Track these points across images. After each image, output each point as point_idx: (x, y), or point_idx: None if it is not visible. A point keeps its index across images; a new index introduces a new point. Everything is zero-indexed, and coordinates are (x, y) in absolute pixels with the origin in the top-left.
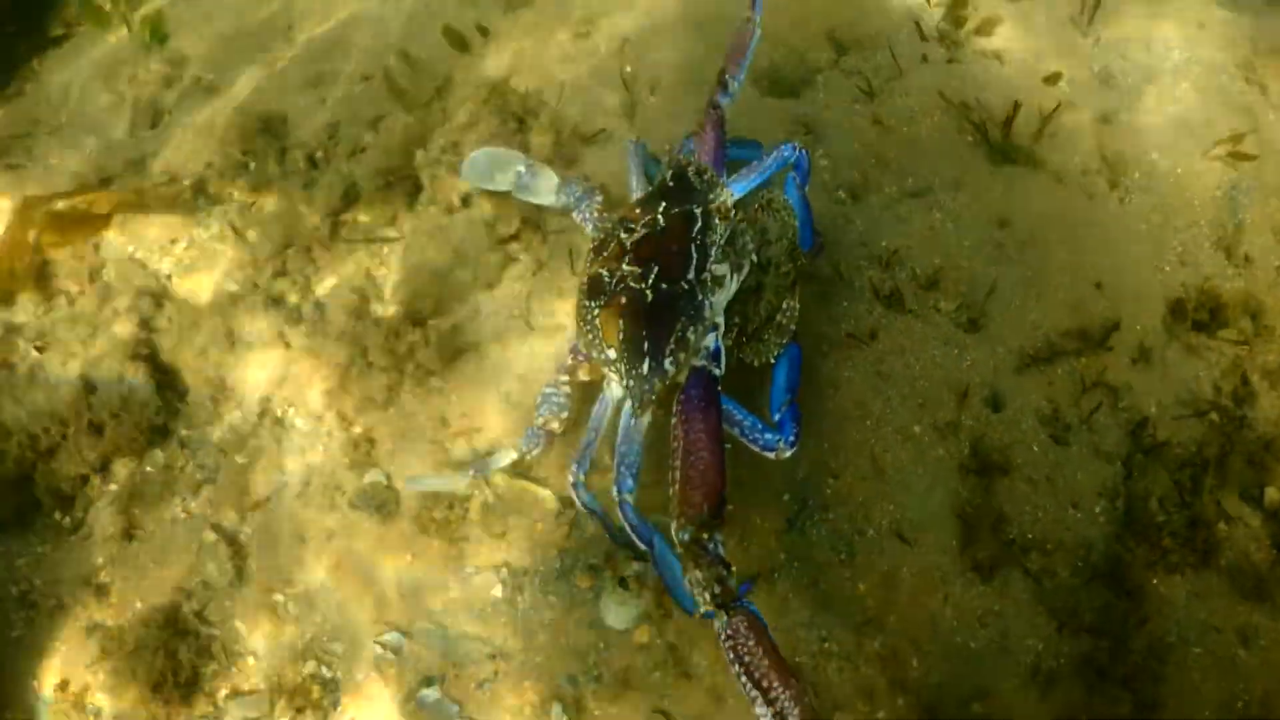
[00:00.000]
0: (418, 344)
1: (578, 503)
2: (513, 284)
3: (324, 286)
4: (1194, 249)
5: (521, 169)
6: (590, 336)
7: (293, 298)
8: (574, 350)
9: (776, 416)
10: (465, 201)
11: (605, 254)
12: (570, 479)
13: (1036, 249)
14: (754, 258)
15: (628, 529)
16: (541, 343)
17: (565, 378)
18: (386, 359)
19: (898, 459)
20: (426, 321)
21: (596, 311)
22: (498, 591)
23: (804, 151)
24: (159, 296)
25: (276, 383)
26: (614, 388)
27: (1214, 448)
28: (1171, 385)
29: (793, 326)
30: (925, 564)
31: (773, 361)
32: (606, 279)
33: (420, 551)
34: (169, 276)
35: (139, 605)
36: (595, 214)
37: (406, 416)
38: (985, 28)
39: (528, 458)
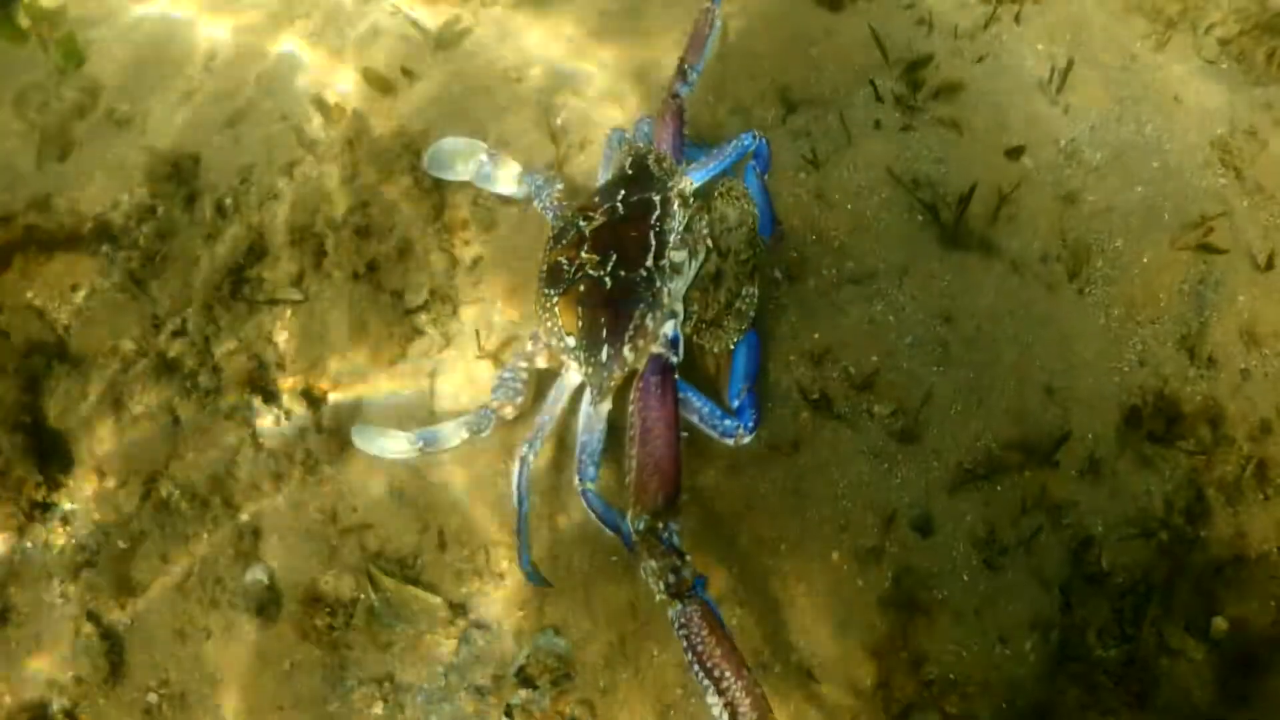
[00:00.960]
0: (308, 428)
1: (514, 483)
2: (418, 360)
3: (222, 349)
4: (1155, 348)
5: (484, 158)
6: (549, 324)
7: (189, 362)
8: (534, 337)
9: (735, 403)
10: (371, 265)
11: (564, 242)
12: (519, 454)
13: (984, 348)
14: (712, 244)
15: (594, 517)
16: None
17: (524, 364)
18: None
19: (812, 589)
20: (321, 400)
21: (555, 299)
22: (378, 709)
23: (764, 140)
24: (52, 354)
25: (163, 461)
26: (572, 375)
27: (1161, 572)
28: (1120, 502)
29: (751, 313)
30: (834, 705)
31: (731, 348)
32: (565, 267)
33: (300, 661)
34: (67, 328)
35: (7, 700)
36: (555, 202)
37: (295, 507)
38: (945, 92)
39: (478, 438)
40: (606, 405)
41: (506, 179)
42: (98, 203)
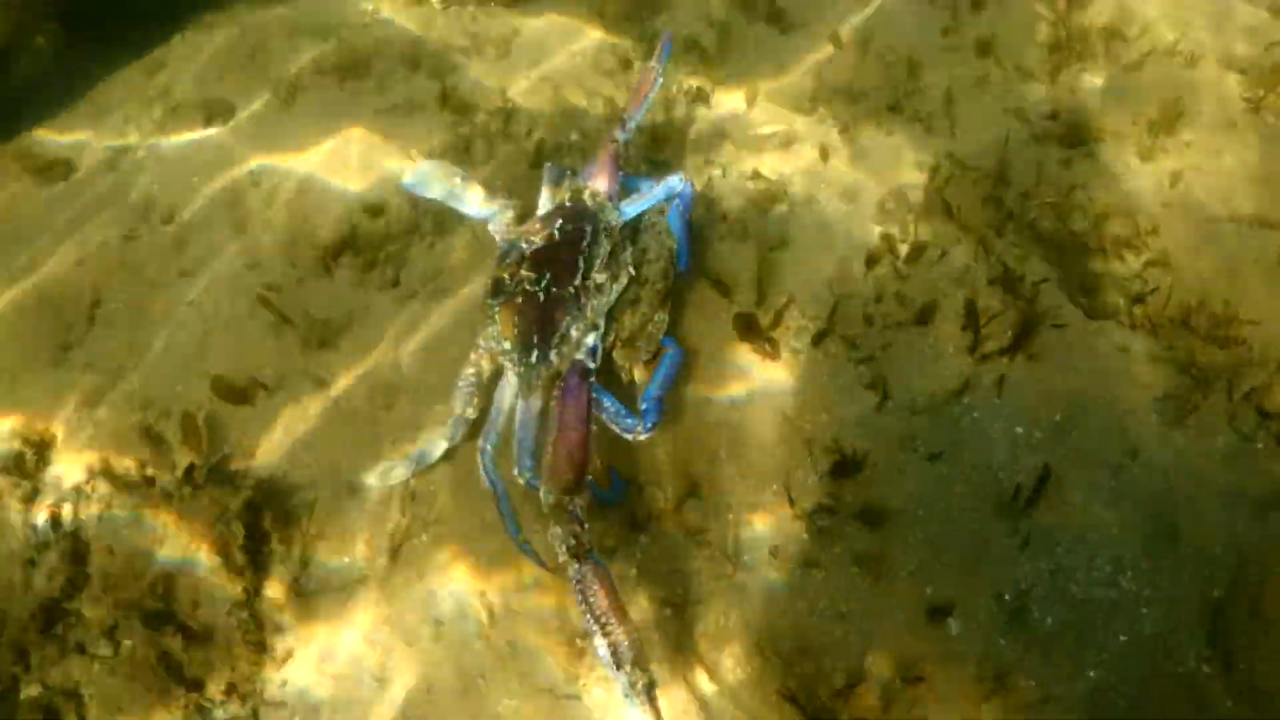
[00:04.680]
0: None
1: (482, 471)
2: None
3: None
4: None
5: (458, 180)
6: (490, 330)
7: None
8: (475, 346)
9: (644, 405)
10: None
11: (508, 260)
12: (479, 446)
13: None
14: (632, 271)
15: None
16: None
17: (471, 370)
18: None
19: None
20: None
21: (496, 308)
22: None
23: (689, 183)
24: None
25: None
26: (510, 375)
27: None
28: None
29: (660, 336)
30: None
31: (642, 364)
32: (507, 281)
33: None
34: None
35: None
36: (504, 226)
37: None
38: (870, 514)
39: (455, 442)
40: (537, 401)
41: (472, 201)
42: None
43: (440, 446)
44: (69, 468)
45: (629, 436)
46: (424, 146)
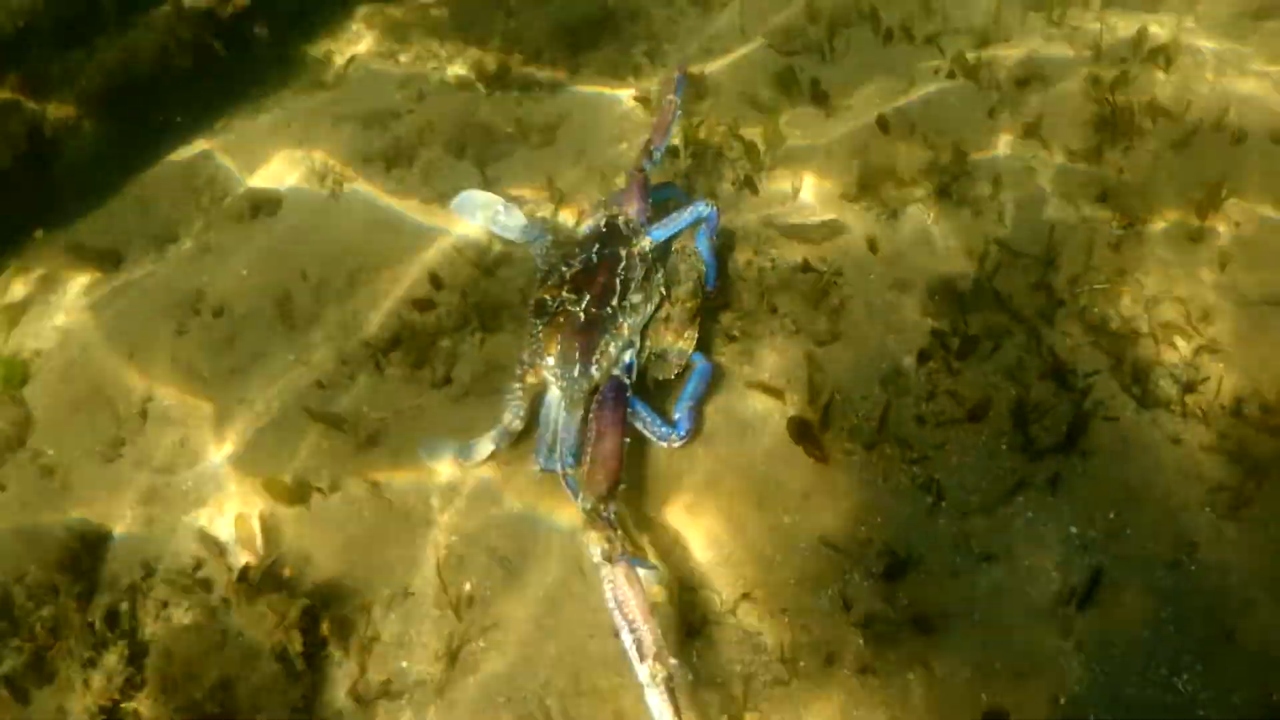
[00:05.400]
0: None
1: (542, 469)
2: None
3: None
4: None
5: (500, 208)
6: (534, 347)
7: None
8: (520, 361)
9: (677, 415)
10: None
11: (550, 283)
12: (535, 466)
13: None
14: (664, 291)
15: (568, 489)
16: None
17: (517, 385)
18: None
19: None
20: None
21: (540, 328)
22: None
23: (714, 208)
24: None
25: None
26: (553, 389)
27: None
28: None
29: (690, 351)
30: None
31: (673, 378)
32: (549, 302)
33: None
34: None
35: None
36: (545, 250)
37: None
38: (923, 621)
39: (500, 449)
40: (579, 411)
41: (514, 227)
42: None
43: (487, 448)
44: (125, 566)
45: (664, 444)
46: (467, 237)
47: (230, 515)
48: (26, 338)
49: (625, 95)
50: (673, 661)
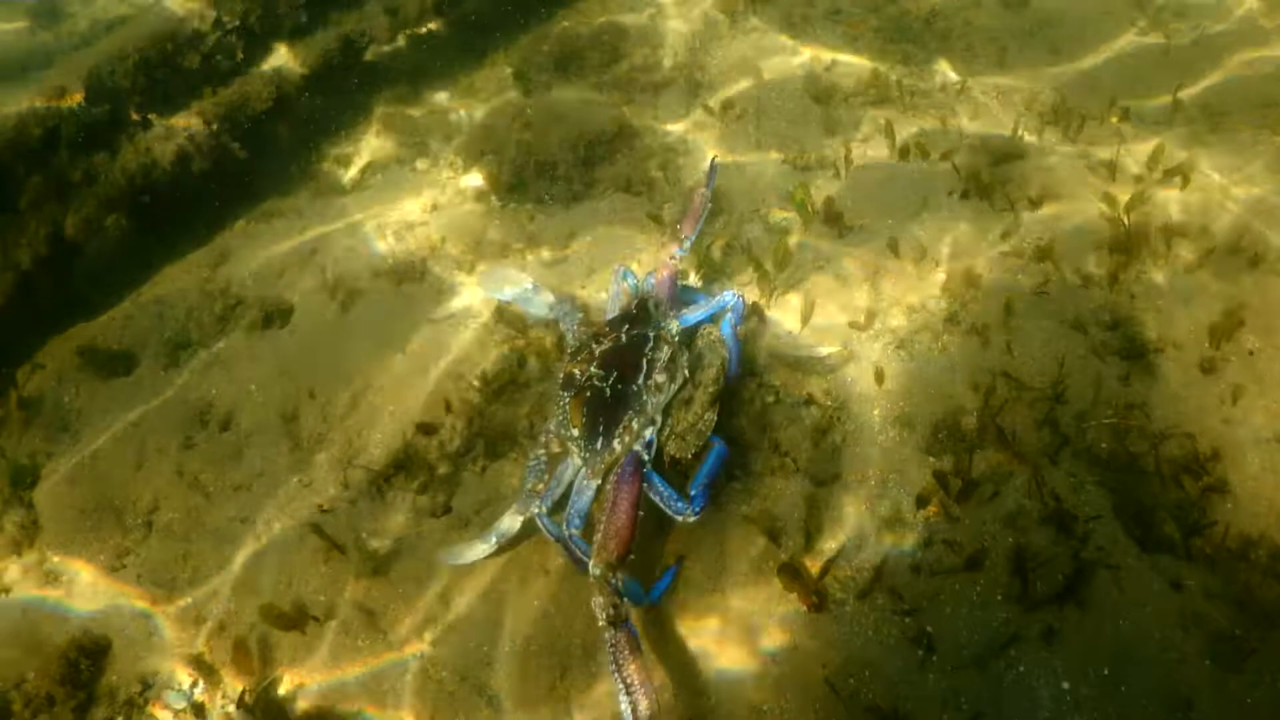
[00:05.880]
0: None
1: (540, 524)
2: None
3: None
4: None
5: (528, 286)
6: (561, 418)
7: None
8: (545, 431)
9: (692, 492)
10: None
11: (579, 358)
12: (536, 514)
13: None
14: (687, 374)
15: (572, 547)
16: None
17: (541, 451)
18: None
19: None
20: None
21: (568, 400)
22: None
23: (740, 298)
24: None
25: None
26: (575, 458)
27: None
28: None
29: (709, 432)
30: None
31: (689, 458)
32: (578, 376)
33: None
34: None
35: None
36: (576, 327)
37: None
38: None
39: (526, 514)
40: (596, 481)
41: (540, 305)
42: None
43: (517, 520)
44: (123, 679)
45: (679, 519)
46: (476, 366)
47: (229, 637)
48: (38, 440)
49: (640, 210)
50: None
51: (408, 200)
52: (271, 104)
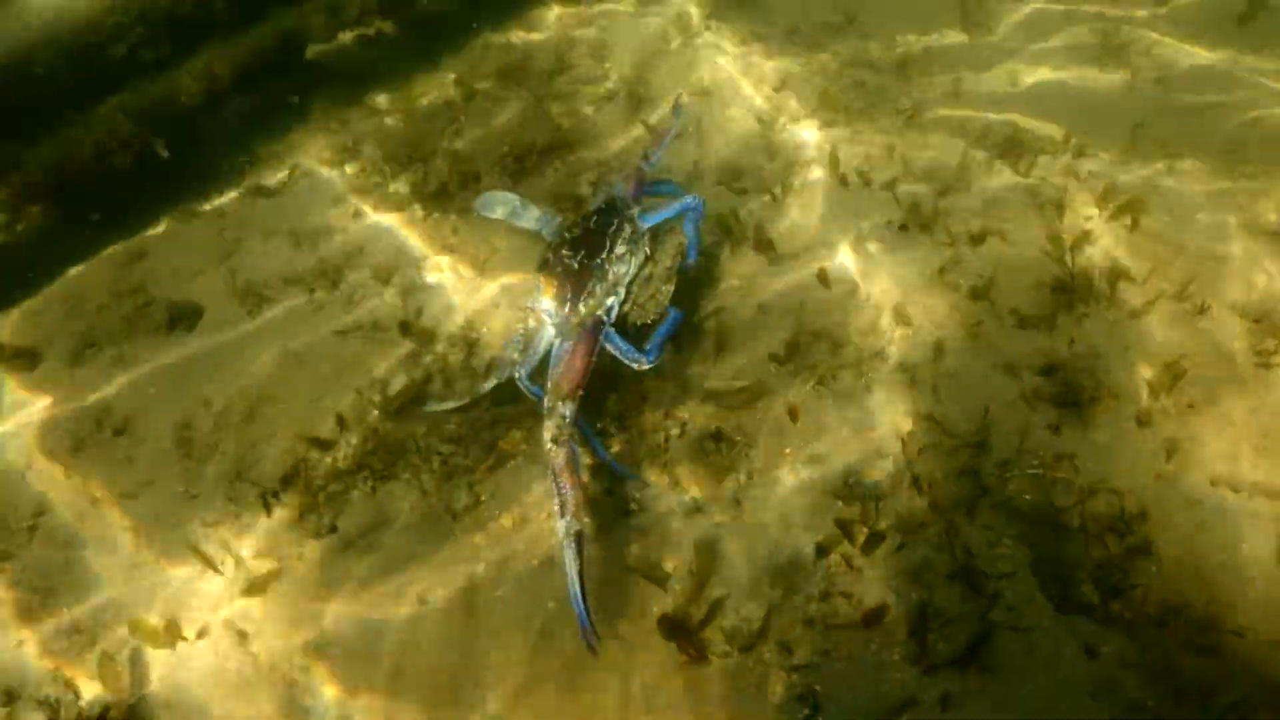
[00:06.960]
0: None
1: (521, 385)
2: None
3: None
4: None
5: (516, 204)
6: (535, 293)
7: None
8: (525, 307)
9: (647, 348)
10: None
11: (554, 243)
12: (517, 376)
13: None
14: (648, 251)
15: (529, 390)
16: None
17: (520, 326)
18: None
19: None
20: None
21: (541, 275)
22: None
23: (701, 200)
24: None
25: None
26: (548, 327)
27: None
28: None
29: (665, 303)
30: None
31: (649, 323)
32: (551, 258)
33: None
34: None
35: None
36: (554, 228)
37: None
38: None
39: (503, 380)
40: (568, 343)
41: (530, 219)
42: None
43: (492, 383)
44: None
45: (635, 367)
46: (378, 382)
47: (99, 650)
48: None
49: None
50: (586, 519)
51: (331, 206)
52: (202, 100)
